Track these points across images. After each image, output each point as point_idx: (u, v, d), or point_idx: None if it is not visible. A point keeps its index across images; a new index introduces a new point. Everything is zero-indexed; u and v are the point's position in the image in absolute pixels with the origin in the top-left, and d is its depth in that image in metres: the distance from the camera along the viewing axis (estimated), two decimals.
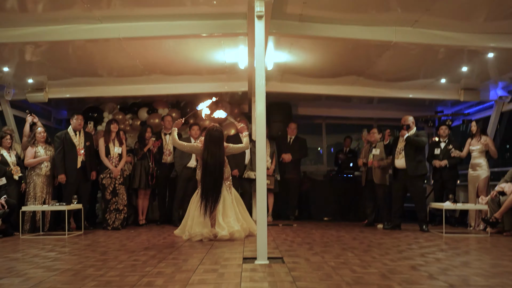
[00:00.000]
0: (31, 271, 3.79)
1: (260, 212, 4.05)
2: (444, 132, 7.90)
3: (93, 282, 3.32)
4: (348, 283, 3.17)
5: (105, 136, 7.58)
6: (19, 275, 3.62)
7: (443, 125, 8.07)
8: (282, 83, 8.57)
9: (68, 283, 3.32)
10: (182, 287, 3.11)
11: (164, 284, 3.20)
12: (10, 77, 8.05)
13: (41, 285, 3.25)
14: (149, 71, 7.83)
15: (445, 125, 8.07)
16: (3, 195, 6.64)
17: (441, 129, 7.96)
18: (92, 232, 6.99)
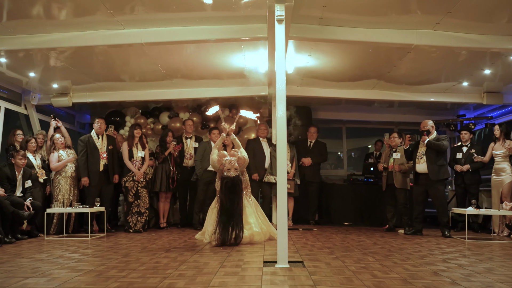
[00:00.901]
0: (56, 272, 3.85)
1: (280, 216, 4.04)
2: (464, 137, 7.79)
3: (116, 283, 3.35)
4: None
5: (128, 140, 7.68)
6: (44, 275, 3.68)
7: (465, 129, 7.95)
8: (302, 87, 8.57)
9: (91, 283, 3.36)
10: None
11: (185, 286, 3.22)
12: (36, 82, 8.22)
13: (65, 285, 3.30)
14: (170, 76, 7.90)
15: (466, 129, 7.95)
16: (29, 197, 6.76)
17: (462, 133, 7.84)
18: (114, 235, 7.06)
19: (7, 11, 5.37)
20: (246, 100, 9.43)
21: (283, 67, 4.27)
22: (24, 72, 7.70)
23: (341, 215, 9.09)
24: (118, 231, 7.59)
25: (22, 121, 9.01)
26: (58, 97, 8.70)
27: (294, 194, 8.19)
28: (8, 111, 8.39)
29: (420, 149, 7.09)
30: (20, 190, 6.84)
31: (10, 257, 4.81)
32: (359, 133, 11.65)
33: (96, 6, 5.23)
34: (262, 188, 8.51)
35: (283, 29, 4.26)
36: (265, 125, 8.84)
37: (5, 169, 6.76)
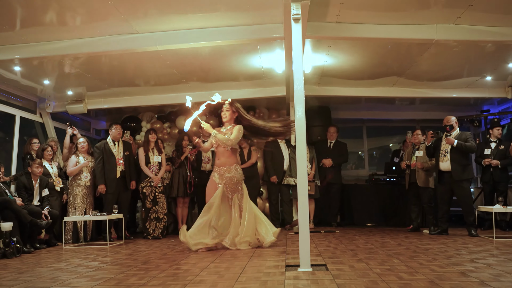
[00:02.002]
0: (75, 281, 3.90)
1: (302, 219, 4.04)
2: (496, 133, 7.68)
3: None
4: None
5: (144, 145, 7.75)
6: (63, 285, 3.73)
7: (497, 126, 7.82)
8: (320, 86, 8.56)
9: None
10: None
11: None
12: (50, 89, 8.37)
13: None
14: (186, 79, 7.97)
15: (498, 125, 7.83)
16: (46, 206, 6.85)
17: (494, 130, 7.72)
18: (133, 242, 7.12)
19: (20, 19, 5.48)
20: (264, 101, 9.46)
21: (301, 67, 4.27)
22: (38, 80, 7.84)
23: (363, 216, 9.05)
24: (137, 238, 7.66)
25: (38, 129, 9.16)
26: (73, 104, 8.84)
27: (315, 196, 8.18)
28: (24, 119, 8.53)
29: (443, 146, 7.01)
30: (38, 199, 6.93)
31: (29, 266, 4.88)
32: (380, 132, 11.59)
33: (108, 11, 5.28)
34: (281, 190, 8.53)
35: (299, 28, 4.26)
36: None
37: (22, 178, 6.87)
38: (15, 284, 3.85)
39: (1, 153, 8.25)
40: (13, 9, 5.16)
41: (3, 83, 7.79)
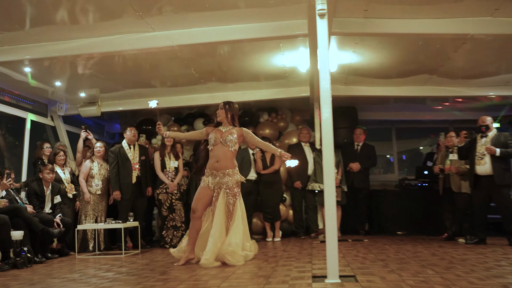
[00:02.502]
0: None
1: (329, 227, 4.03)
2: None
3: None
4: None
5: (160, 149, 7.79)
6: None
7: None
8: (346, 86, 8.52)
9: None
10: None
11: None
12: (62, 91, 8.47)
13: None
14: (204, 80, 8.00)
15: None
16: (58, 213, 6.94)
17: None
18: (150, 251, 7.17)
19: (30, 18, 5.53)
20: (286, 103, 9.45)
21: (327, 65, 4.25)
22: (49, 82, 7.94)
23: (393, 223, 8.98)
24: (153, 247, 7.71)
25: (49, 133, 9.28)
26: (86, 106, 8.92)
27: (342, 202, 8.14)
28: (34, 123, 8.66)
29: (479, 148, 6.91)
30: (49, 206, 7.03)
31: (41, 277, 4.94)
32: (410, 133, 11.49)
33: (123, 8, 5.32)
34: (305, 197, 8.51)
35: (325, 24, 4.25)
36: (307, 129, 8.85)
37: (33, 185, 6.97)
38: None
39: (11, 158, 8.38)
40: (23, 7, 5.22)
41: (12, 85, 7.92)
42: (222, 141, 5.57)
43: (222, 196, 5.49)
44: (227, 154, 5.57)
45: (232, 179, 5.53)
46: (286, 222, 8.92)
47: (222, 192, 5.50)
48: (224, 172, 5.53)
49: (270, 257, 5.82)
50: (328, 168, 4.08)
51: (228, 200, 5.49)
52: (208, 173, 5.62)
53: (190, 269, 5.06)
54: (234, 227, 5.40)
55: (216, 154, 5.60)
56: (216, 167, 5.57)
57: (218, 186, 5.53)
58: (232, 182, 5.52)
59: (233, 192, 5.52)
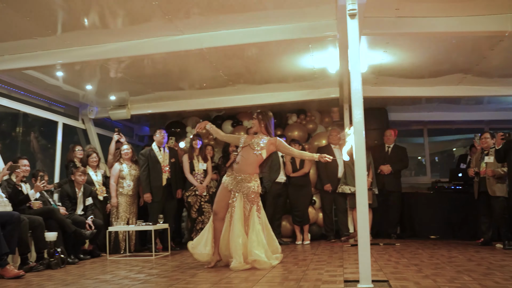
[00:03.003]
0: None
1: (361, 230, 3.97)
2: None
3: None
4: None
5: (189, 152, 7.85)
6: None
7: None
8: (377, 86, 8.42)
9: None
10: None
11: None
12: (93, 95, 8.63)
13: None
14: (232, 82, 8.02)
15: None
16: (90, 215, 7.04)
17: None
18: (179, 253, 7.21)
19: (62, 23, 5.62)
20: (316, 104, 9.40)
21: (358, 66, 4.20)
22: (80, 85, 8.08)
23: (426, 227, 8.83)
24: (183, 249, 7.74)
25: (80, 136, 9.43)
26: (115, 109, 9.05)
27: (373, 205, 8.03)
28: (66, 126, 8.81)
29: None
30: (81, 208, 7.14)
31: (74, 278, 5.02)
32: (443, 135, 11.30)
33: (152, 12, 5.36)
34: (335, 200, 8.45)
35: (356, 24, 4.20)
36: (337, 131, 8.78)
37: (65, 187, 7.10)
38: None
39: (44, 161, 8.54)
40: (55, 13, 5.32)
41: (45, 89, 8.11)
42: (250, 144, 5.55)
43: (239, 200, 5.45)
44: (250, 157, 5.51)
45: (248, 185, 5.46)
46: (316, 225, 8.87)
47: (239, 196, 5.47)
48: (242, 176, 5.49)
49: (300, 260, 5.79)
50: (360, 171, 4.03)
51: (245, 205, 5.45)
52: (228, 173, 5.63)
53: (220, 271, 5.07)
54: (253, 237, 5.29)
55: (240, 156, 5.60)
56: (236, 168, 5.57)
57: (236, 189, 5.49)
58: (248, 189, 5.45)
59: (250, 198, 5.46)
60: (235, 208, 5.42)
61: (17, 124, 8.05)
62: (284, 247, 7.26)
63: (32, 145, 8.40)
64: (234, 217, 5.39)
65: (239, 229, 5.32)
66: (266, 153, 5.53)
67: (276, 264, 5.39)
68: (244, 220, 5.40)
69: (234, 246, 5.25)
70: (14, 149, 7.87)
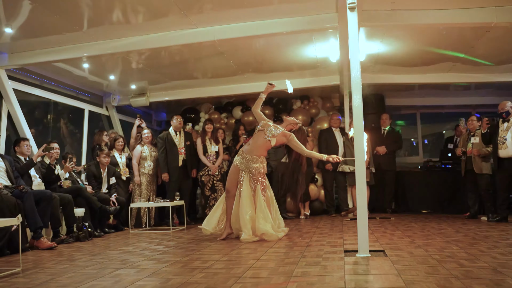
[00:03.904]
0: (144, 263, 4.01)
1: (360, 205, 3.97)
2: None
3: (201, 273, 3.43)
4: (457, 277, 3.01)
5: (201, 135, 7.88)
6: (133, 267, 3.84)
7: None
8: (374, 74, 8.34)
9: (178, 274, 3.46)
10: (287, 279, 3.12)
11: (268, 276, 3.24)
12: (115, 84, 8.63)
13: (154, 276, 3.42)
14: (242, 71, 8.01)
15: None
16: (114, 193, 7.09)
17: None
18: (194, 227, 7.24)
19: (87, 20, 5.64)
20: (318, 91, 9.36)
21: (357, 55, 4.16)
22: (104, 76, 8.10)
23: (418, 203, 8.81)
24: (197, 223, 7.76)
25: (104, 122, 9.47)
26: (136, 97, 9.09)
27: (370, 183, 8.00)
28: (92, 113, 8.86)
29: (501, 133, 6.69)
30: (106, 187, 7.19)
31: (101, 249, 5.08)
32: (434, 118, 11.21)
33: (169, 8, 5.35)
34: (336, 178, 8.44)
35: (355, 16, 4.14)
36: (338, 115, 8.76)
37: (91, 168, 7.14)
38: (90, 265, 4.01)
39: (73, 144, 8.59)
40: (81, 10, 5.33)
41: (73, 79, 8.12)
42: (265, 129, 5.54)
43: (246, 179, 5.47)
44: (260, 141, 5.51)
45: (254, 166, 5.46)
46: (318, 201, 8.85)
47: (246, 175, 5.48)
48: (250, 157, 5.50)
49: (304, 233, 5.80)
50: (359, 151, 4.01)
51: (250, 184, 5.46)
52: (239, 153, 5.64)
53: (231, 243, 5.09)
54: (259, 213, 5.30)
55: (252, 139, 5.62)
56: (246, 149, 5.58)
57: (245, 168, 5.50)
58: (253, 169, 5.45)
59: (256, 178, 5.46)
60: (242, 186, 5.44)
61: (48, 112, 8.08)
62: (289, 221, 7.30)
63: (62, 131, 8.43)
64: (242, 194, 5.41)
65: (247, 205, 5.33)
66: (276, 142, 5.51)
67: (283, 236, 5.42)
68: (251, 197, 5.42)
69: (243, 220, 5.27)
70: (46, 135, 7.91)
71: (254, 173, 5.45)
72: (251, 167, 5.46)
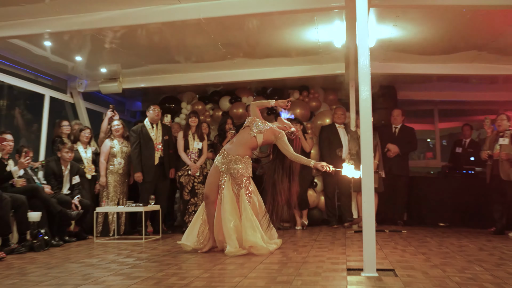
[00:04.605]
0: (109, 279, 3.96)
1: (366, 216, 3.94)
2: None
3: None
4: None
5: (184, 129, 7.83)
6: (97, 283, 3.79)
7: None
8: (385, 63, 8.34)
9: None
10: None
11: None
12: (82, 67, 8.57)
13: None
14: (231, 55, 7.97)
15: None
16: (77, 195, 7.01)
17: None
18: (171, 236, 7.21)
19: None
20: (320, 81, 9.34)
21: (366, 40, 4.15)
22: (69, 56, 8.03)
23: (435, 214, 8.79)
24: (175, 232, 7.75)
25: (68, 110, 9.40)
26: (106, 82, 9.05)
27: (379, 189, 7.99)
28: (53, 100, 8.77)
29: None
30: (67, 187, 7.12)
31: (59, 261, 5.01)
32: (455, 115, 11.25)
33: None
34: (339, 182, 8.41)
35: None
36: (342, 109, 8.72)
37: (51, 164, 7.06)
38: (45, 280, 3.94)
39: (30, 137, 8.51)
40: None
41: (31, 60, 8.05)
42: (250, 125, 5.50)
43: (228, 182, 5.42)
44: (245, 138, 5.49)
45: (236, 167, 5.41)
46: (317, 210, 8.84)
47: (228, 178, 5.44)
48: (232, 157, 5.46)
49: (300, 246, 5.78)
50: (366, 152, 3.98)
51: (232, 188, 5.42)
52: (221, 152, 5.59)
53: (215, 257, 5.06)
54: (246, 222, 5.25)
55: (237, 136, 5.62)
56: (228, 148, 5.56)
57: (226, 170, 5.45)
58: (236, 171, 5.41)
59: (238, 181, 5.42)
60: (224, 190, 5.40)
61: (1, 96, 8.00)
62: (282, 232, 7.27)
63: (17, 120, 8.34)
64: (223, 200, 5.37)
65: (230, 212, 5.30)
66: (263, 138, 5.45)
67: (275, 249, 5.38)
68: (234, 203, 5.38)
69: (226, 230, 5.24)
70: None
71: (236, 175, 5.42)
72: (233, 168, 5.43)
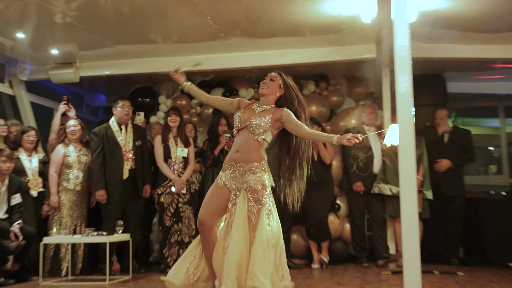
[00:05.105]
0: None
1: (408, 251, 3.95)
2: None
3: None
4: None
5: (163, 132, 7.83)
6: None
7: None
8: (430, 44, 8.33)
9: None
10: None
11: None
12: (26, 47, 8.54)
13: None
14: (225, 34, 7.99)
15: None
16: (17, 220, 6.97)
17: None
18: (144, 277, 7.23)
19: None
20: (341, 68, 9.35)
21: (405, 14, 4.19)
22: (8, 33, 8.02)
23: (502, 250, 8.76)
24: (151, 271, 7.76)
25: (6, 104, 9.38)
26: (58, 68, 9.01)
27: (424, 215, 7.98)
28: None
29: None
30: (4, 210, 7.08)
31: None
32: None
33: None
34: (369, 205, 8.39)
35: None
36: (373, 107, 8.69)
37: None
38: None
39: None
40: None
41: None
42: (248, 125, 5.47)
43: (242, 201, 5.26)
44: (250, 143, 5.38)
45: (255, 177, 5.31)
46: (341, 241, 8.81)
47: (242, 195, 5.29)
48: (245, 166, 5.33)
49: None
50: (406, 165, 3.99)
51: (250, 207, 5.26)
52: (226, 166, 5.45)
53: None
54: (260, 252, 5.10)
55: (238, 141, 5.49)
56: (235, 158, 5.41)
57: (237, 186, 5.34)
58: (255, 182, 5.29)
59: (257, 196, 5.28)
60: (236, 211, 5.26)
61: None
62: (295, 271, 7.25)
63: None
64: (233, 225, 5.25)
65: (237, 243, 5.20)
66: (272, 134, 5.42)
67: None
68: (247, 229, 5.25)
69: (227, 266, 5.18)
70: None
71: (256, 188, 5.27)
72: (251, 180, 5.28)
